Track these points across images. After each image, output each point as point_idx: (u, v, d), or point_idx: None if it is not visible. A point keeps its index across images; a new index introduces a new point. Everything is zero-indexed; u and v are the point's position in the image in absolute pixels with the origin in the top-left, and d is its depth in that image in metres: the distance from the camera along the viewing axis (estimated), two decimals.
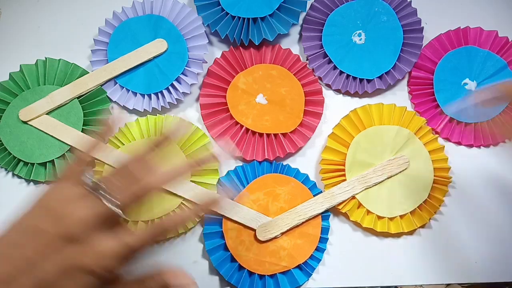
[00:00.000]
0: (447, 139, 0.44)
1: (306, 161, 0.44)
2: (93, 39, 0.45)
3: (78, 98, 0.43)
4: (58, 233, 0.27)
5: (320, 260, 0.40)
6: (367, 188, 0.41)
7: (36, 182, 0.44)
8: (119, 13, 0.45)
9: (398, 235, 0.42)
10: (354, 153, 0.41)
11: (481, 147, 0.44)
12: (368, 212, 0.41)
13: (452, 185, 0.42)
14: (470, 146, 0.44)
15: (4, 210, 0.43)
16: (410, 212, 0.40)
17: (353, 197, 0.41)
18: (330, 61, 0.45)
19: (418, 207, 0.40)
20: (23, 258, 0.26)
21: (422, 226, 0.41)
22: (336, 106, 0.45)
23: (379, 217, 0.41)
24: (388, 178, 0.41)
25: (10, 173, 0.44)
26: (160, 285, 0.30)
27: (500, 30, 0.44)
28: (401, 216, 0.41)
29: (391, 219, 0.41)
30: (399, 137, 0.42)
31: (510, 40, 0.44)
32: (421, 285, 0.41)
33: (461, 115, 0.42)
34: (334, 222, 0.42)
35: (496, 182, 0.43)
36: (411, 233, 0.42)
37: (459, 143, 0.44)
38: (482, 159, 0.43)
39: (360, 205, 0.41)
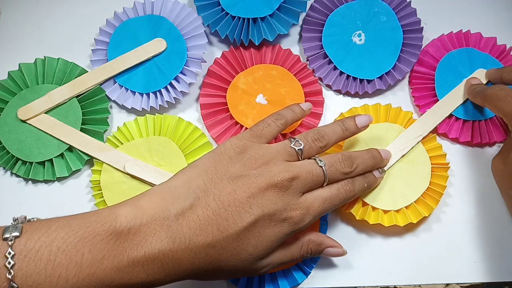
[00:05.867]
0: (445, 134, 0.43)
1: None
2: (94, 39, 0.45)
3: (77, 97, 0.43)
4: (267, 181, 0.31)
5: (319, 259, 0.40)
6: None
7: (34, 181, 0.44)
8: (120, 13, 0.45)
9: (397, 234, 0.41)
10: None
11: (481, 145, 0.44)
12: (374, 208, 0.40)
13: (451, 184, 0.42)
14: (468, 143, 0.43)
15: (2, 208, 0.43)
16: (415, 202, 0.40)
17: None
18: (330, 62, 0.45)
19: (422, 195, 0.40)
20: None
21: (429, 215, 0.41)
22: (336, 106, 0.45)
23: (385, 211, 0.40)
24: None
25: (9, 172, 0.44)
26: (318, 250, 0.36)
27: (500, 31, 0.44)
28: (407, 207, 0.40)
29: (397, 211, 0.40)
30: (390, 131, 0.42)
31: (507, 48, 0.44)
32: (420, 285, 0.41)
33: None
34: (334, 222, 0.42)
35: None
36: (417, 224, 0.41)
37: (456, 140, 0.43)
38: (482, 157, 0.43)
39: (364, 203, 0.40)
